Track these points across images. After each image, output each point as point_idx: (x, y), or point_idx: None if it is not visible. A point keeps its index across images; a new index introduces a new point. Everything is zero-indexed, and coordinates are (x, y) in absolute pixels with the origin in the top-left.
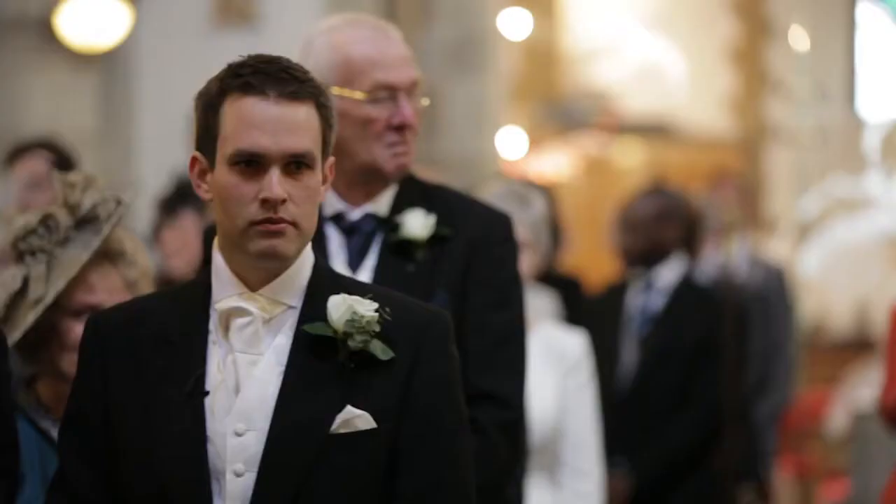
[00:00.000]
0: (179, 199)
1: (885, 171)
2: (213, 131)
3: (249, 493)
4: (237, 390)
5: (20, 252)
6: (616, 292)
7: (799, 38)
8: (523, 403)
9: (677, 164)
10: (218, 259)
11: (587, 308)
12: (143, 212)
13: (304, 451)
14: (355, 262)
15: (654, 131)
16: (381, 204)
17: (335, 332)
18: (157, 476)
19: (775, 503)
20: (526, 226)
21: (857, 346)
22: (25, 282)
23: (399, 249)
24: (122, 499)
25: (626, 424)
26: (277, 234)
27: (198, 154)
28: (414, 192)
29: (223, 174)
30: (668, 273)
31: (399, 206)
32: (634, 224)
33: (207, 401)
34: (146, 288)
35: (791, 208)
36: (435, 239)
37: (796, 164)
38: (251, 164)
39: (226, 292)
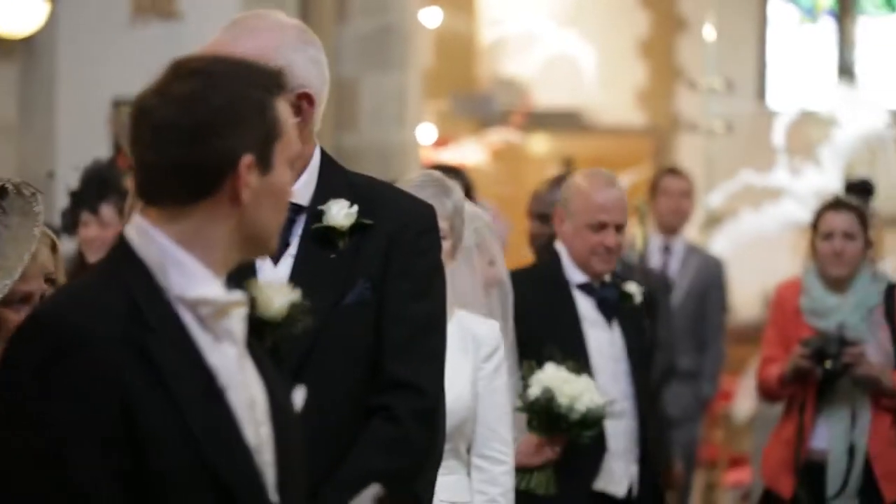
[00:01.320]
0: (101, 192)
1: (792, 162)
2: (272, 134)
3: (275, 482)
4: (245, 382)
5: None
6: None
7: (709, 31)
8: (440, 392)
9: (589, 154)
10: (177, 251)
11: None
12: (60, 203)
13: (297, 436)
14: (276, 249)
15: (566, 122)
16: (301, 192)
17: (272, 319)
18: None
19: (677, 489)
20: (444, 216)
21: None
22: None
23: (321, 238)
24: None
25: None
26: None
27: (250, 157)
28: (337, 182)
29: (285, 175)
30: None
31: (322, 195)
32: (543, 213)
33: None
34: (62, 278)
35: (700, 198)
36: (357, 228)
37: (706, 156)
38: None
39: (200, 283)
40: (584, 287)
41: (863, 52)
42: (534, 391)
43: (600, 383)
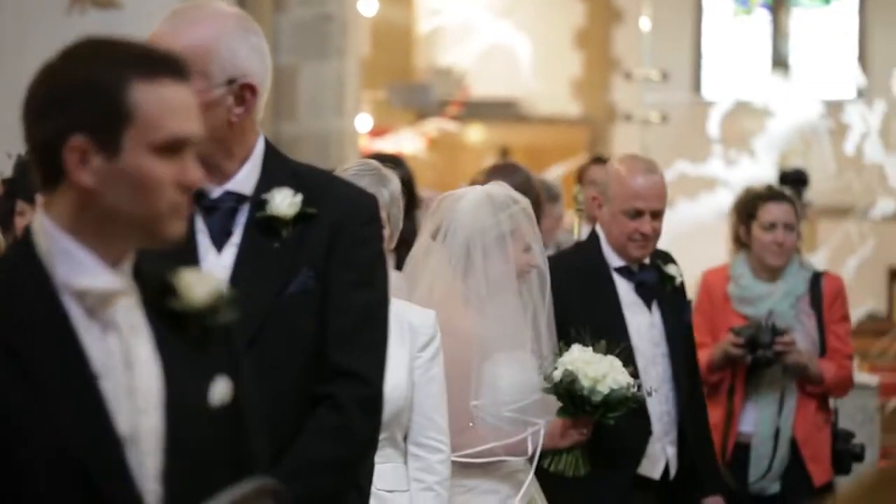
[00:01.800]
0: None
1: (727, 152)
2: (117, 117)
3: (160, 471)
4: (130, 371)
5: None
6: None
7: (645, 23)
8: (382, 381)
9: (525, 144)
10: (64, 240)
11: None
12: None
13: (196, 423)
14: (219, 239)
15: (502, 112)
16: (244, 182)
17: (192, 307)
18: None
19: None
20: (382, 205)
21: None
22: None
23: (265, 227)
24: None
25: None
26: (186, 217)
27: (82, 139)
28: (281, 171)
29: (141, 160)
30: None
31: (266, 184)
32: None
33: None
34: None
35: None
36: (301, 217)
37: (641, 146)
38: (173, 149)
39: (84, 273)
40: (622, 271)
41: (797, 43)
42: (557, 373)
43: (640, 367)
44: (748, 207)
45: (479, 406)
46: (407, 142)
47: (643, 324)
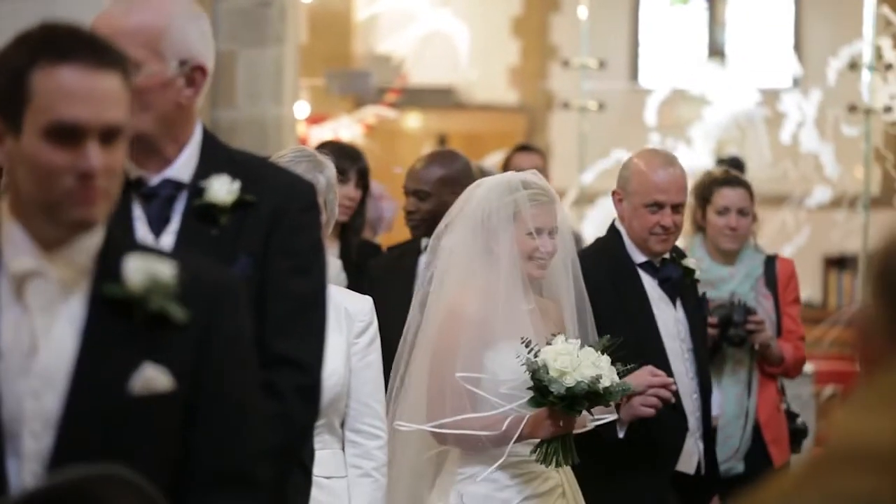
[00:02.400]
0: None
1: (664, 141)
2: (18, 98)
3: (48, 454)
4: (33, 352)
5: None
6: (406, 255)
7: (582, 10)
8: (321, 368)
9: (463, 131)
10: (8, 222)
11: (376, 270)
12: None
13: (104, 409)
14: (157, 227)
15: (440, 100)
16: (182, 169)
17: (132, 293)
18: None
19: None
20: (319, 191)
21: None
22: None
23: (203, 214)
24: None
25: None
26: (92, 203)
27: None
28: (219, 158)
29: (34, 144)
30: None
31: (204, 171)
32: (418, 189)
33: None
34: None
35: (573, 177)
36: (239, 204)
37: (579, 134)
38: (67, 135)
39: (18, 254)
40: (645, 266)
41: (733, 32)
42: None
43: (670, 358)
44: (704, 191)
45: (466, 379)
46: (345, 129)
47: (669, 319)
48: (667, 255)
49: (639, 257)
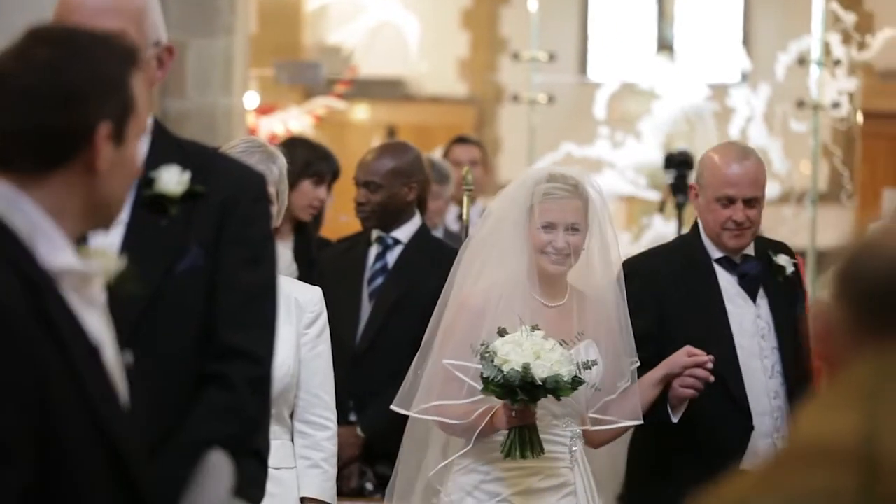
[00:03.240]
0: None
1: (613, 134)
2: (128, 106)
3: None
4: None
5: None
6: (355, 247)
7: (532, 3)
8: (272, 360)
9: (412, 123)
10: (43, 220)
11: (325, 262)
12: None
13: None
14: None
15: (389, 91)
16: None
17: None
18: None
19: None
20: (272, 181)
21: None
22: None
23: (153, 204)
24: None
25: (362, 377)
26: None
27: (108, 127)
28: (169, 148)
29: (133, 148)
30: (405, 227)
31: (153, 161)
32: (370, 181)
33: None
34: None
35: (522, 170)
36: (189, 195)
37: (528, 127)
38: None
39: (60, 253)
40: (723, 262)
41: (681, 27)
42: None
43: (742, 361)
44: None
45: (454, 366)
46: (294, 120)
47: (747, 317)
48: (750, 251)
49: (716, 253)
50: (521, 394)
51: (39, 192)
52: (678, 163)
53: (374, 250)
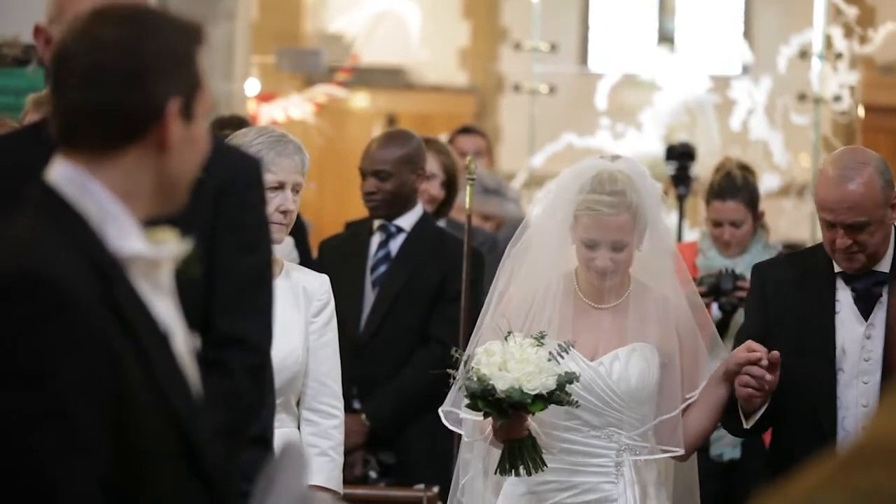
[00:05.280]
0: None
1: (614, 125)
2: (197, 83)
3: None
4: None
5: None
6: (358, 234)
7: None
8: (270, 345)
9: (412, 112)
10: (113, 205)
11: (329, 248)
12: None
13: None
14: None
15: (390, 80)
16: None
17: None
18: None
19: None
20: (301, 171)
21: None
22: None
23: None
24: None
25: (366, 365)
26: None
27: (178, 104)
28: None
29: (202, 126)
30: (407, 216)
31: None
32: (377, 170)
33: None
34: None
35: (523, 160)
36: None
37: (529, 117)
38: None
39: (130, 239)
40: (844, 276)
41: (683, 18)
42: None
43: (841, 382)
44: (706, 195)
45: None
46: (295, 107)
47: (854, 336)
48: (884, 265)
49: (837, 266)
50: (483, 406)
51: (109, 173)
52: (679, 154)
53: (376, 238)
